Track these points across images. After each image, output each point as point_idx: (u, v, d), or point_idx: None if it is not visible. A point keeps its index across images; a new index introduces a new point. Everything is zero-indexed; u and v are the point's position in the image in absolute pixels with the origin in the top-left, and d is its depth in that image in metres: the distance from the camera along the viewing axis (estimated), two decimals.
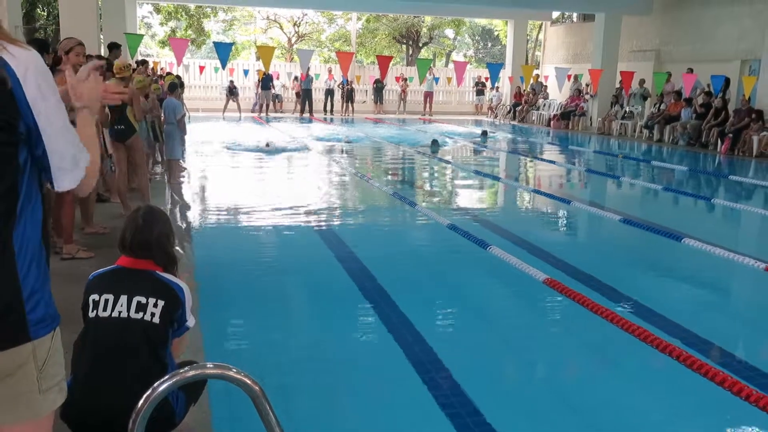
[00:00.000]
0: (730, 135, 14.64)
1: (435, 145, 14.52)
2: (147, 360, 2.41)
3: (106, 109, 6.24)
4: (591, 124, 20.58)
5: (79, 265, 4.96)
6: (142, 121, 7.61)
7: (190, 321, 2.56)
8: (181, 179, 9.50)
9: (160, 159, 9.95)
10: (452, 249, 6.46)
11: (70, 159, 1.60)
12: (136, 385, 2.32)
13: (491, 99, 26.52)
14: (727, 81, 16.32)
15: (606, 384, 3.73)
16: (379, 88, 25.88)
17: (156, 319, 2.42)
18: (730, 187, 10.87)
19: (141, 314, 2.41)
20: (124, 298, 2.43)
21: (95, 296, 2.46)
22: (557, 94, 22.75)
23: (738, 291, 5.95)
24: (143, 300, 2.42)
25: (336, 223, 7.49)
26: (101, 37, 15.04)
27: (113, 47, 9.18)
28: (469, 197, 9.94)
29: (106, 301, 2.44)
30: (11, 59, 1.49)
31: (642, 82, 18.77)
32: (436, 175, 12.07)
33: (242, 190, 9.40)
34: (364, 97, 26.74)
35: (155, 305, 2.42)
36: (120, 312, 2.42)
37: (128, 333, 2.41)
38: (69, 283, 4.66)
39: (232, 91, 23.20)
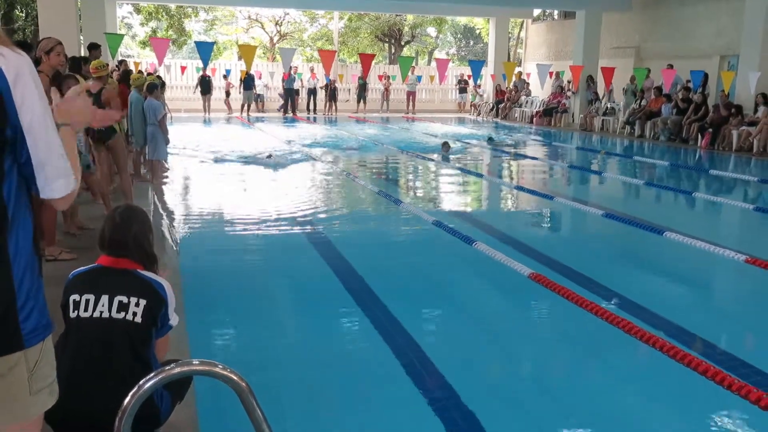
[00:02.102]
0: (710, 130, 14.81)
1: (446, 146, 13.45)
2: (130, 360, 2.39)
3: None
4: (573, 121, 20.72)
5: (62, 266, 4.91)
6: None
7: (173, 320, 2.53)
8: (164, 179, 9.44)
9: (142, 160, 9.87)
10: (438, 245, 6.48)
11: (56, 167, 1.56)
12: (118, 386, 2.30)
13: (474, 97, 26.60)
14: (706, 76, 16.51)
15: (591, 375, 3.77)
16: (362, 85, 25.76)
17: (138, 319, 2.40)
18: (711, 181, 11.00)
19: (123, 314, 2.39)
20: (105, 298, 2.40)
21: (76, 296, 2.44)
22: (539, 91, 22.88)
23: (719, 283, 6.02)
24: (125, 299, 2.40)
25: (321, 221, 7.47)
26: (81, 37, 14.89)
27: (93, 47, 9.10)
28: (454, 194, 9.97)
29: (87, 301, 2.41)
30: (2, 61, 1.47)
31: (633, 78, 18.74)
32: (422, 174, 12.09)
33: (228, 191, 9.35)
34: (347, 96, 26.70)
35: (137, 304, 2.40)
36: (101, 312, 2.39)
37: (110, 333, 2.38)
38: (52, 285, 4.59)
39: (203, 83, 23.01)
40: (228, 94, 24.47)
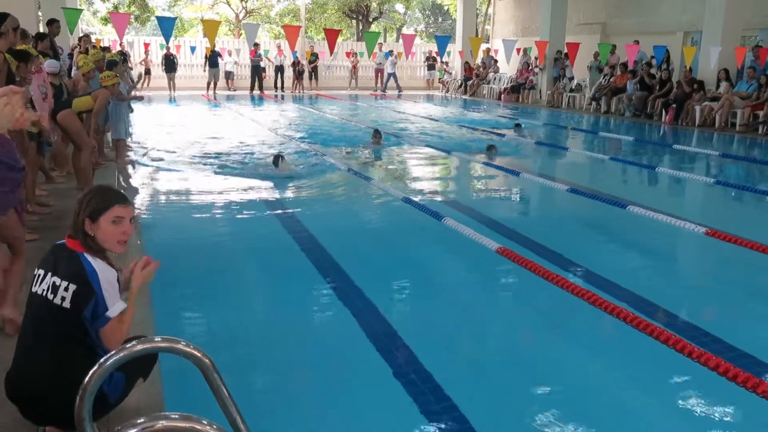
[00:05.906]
0: (674, 106, 15.03)
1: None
2: (62, 343, 2.34)
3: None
4: (541, 98, 20.83)
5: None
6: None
7: (113, 310, 2.36)
8: (128, 158, 9.25)
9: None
10: (407, 222, 6.49)
11: None
12: (50, 366, 2.30)
13: (442, 74, 26.52)
14: (667, 51, 16.68)
15: (558, 346, 3.83)
16: (311, 61, 25.49)
17: (66, 304, 2.32)
18: (674, 156, 11.18)
19: (53, 296, 2.33)
20: (48, 276, 2.37)
21: (36, 270, 2.44)
22: (507, 68, 22.90)
23: (681, 255, 6.16)
24: (57, 281, 2.34)
25: (290, 199, 7.42)
26: (39, 13, 14.41)
27: (50, 23, 8.83)
28: (423, 171, 9.97)
29: (39, 275, 2.41)
30: None
31: (597, 55, 18.83)
32: (395, 153, 12.04)
33: (194, 169, 9.20)
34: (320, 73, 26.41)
35: (66, 289, 2.32)
36: (43, 290, 2.36)
37: (44, 313, 2.35)
38: None
39: (167, 61, 22.57)
40: (148, 71, 23.42)
